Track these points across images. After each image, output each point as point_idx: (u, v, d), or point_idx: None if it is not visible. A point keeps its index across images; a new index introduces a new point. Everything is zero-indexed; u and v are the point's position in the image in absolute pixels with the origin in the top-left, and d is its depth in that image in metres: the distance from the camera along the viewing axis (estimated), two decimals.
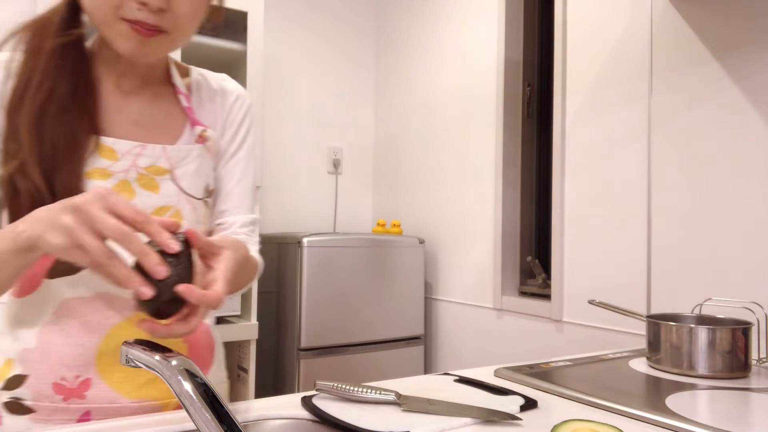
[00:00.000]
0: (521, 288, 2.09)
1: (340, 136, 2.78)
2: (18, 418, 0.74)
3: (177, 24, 0.73)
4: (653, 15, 1.57)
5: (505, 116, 2.08)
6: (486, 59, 2.17)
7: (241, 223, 0.89)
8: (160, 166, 0.80)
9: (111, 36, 0.73)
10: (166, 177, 0.80)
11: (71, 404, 0.74)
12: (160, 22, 0.72)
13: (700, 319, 1.15)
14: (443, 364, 2.33)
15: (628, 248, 1.61)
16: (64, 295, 0.75)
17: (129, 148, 0.78)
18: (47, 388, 0.74)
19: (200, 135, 0.85)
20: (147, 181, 0.78)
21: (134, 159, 0.78)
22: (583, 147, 1.75)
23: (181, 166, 0.81)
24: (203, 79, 0.91)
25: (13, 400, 0.74)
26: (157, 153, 0.80)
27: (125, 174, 0.77)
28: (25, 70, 0.74)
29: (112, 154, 0.76)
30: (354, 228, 2.81)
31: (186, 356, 0.81)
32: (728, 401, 0.85)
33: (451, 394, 0.84)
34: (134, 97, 0.82)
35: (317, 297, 2.10)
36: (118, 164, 0.76)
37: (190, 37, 0.79)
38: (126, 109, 0.81)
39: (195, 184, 0.83)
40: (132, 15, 0.70)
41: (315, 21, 2.72)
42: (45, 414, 0.74)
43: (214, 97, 0.90)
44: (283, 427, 0.74)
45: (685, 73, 1.49)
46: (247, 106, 0.94)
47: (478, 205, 2.18)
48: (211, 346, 0.89)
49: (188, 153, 0.82)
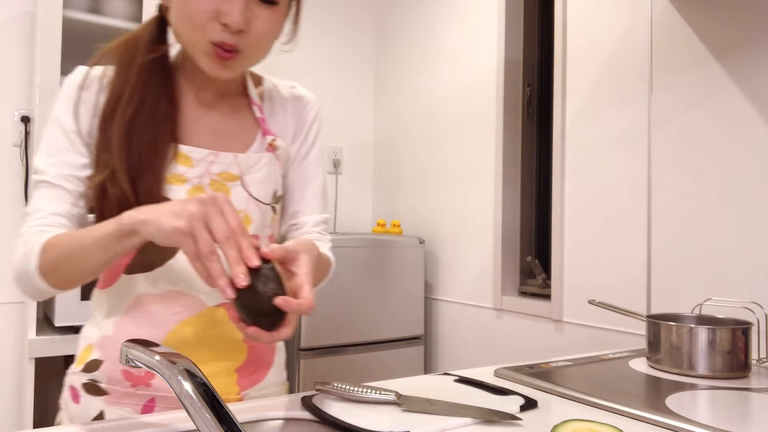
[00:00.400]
0: (521, 288, 2.09)
1: (340, 136, 2.78)
2: (94, 398, 0.81)
3: (254, 44, 0.79)
4: (653, 15, 1.57)
5: (505, 116, 2.08)
6: (486, 59, 2.17)
7: (314, 223, 0.95)
8: (231, 173, 0.85)
9: (195, 54, 0.79)
10: (236, 183, 0.85)
11: (138, 390, 0.80)
12: (238, 42, 0.77)
13: (700, 319, 1.15)
14: (443, 364, 2.33)
15: (628, 248, 1.61)
16: (139, 290, 0.82)
17: (203, 155, 0.83)
18: (118, 373, 0.81)
19: (270, 144, 0.90)
20: (219, 186, 0.84)
21: (208, 166, 0.83)
22: (583, 147, 1.75)
23: (251, 172, 0.86)
24: (275, 88, 0.96)
25: (91, 381, 0.82)
26: (229, 160, 0.85)
27: (199, 180, 0.82)
28: (117, 85, 0.81)
29: (188, 161, 0.82)
30: (354, 228, 2.81)
31: (246, 357, 0.86)
32: (728, 401, 0.85)
33: (451, 394, 0.84)
34: (212, 108, 0.88)
35: (317, 297, 2.09)
36: (193, 171, 0.82)
37: (266, 55, 0.85)
38: (204, 120, 0.87)
39: (263, 190, 0.87)
40: (216, 36, 0.76)
41: (315, 21, 2.72)
42: (116, 397, 0.81)
43: (285, 105, 0.96)
44: (283, 427, 0.74)
45: (685, 73, 1.49)
46: (316, 112, 0.99)
47: (478, 205, 2.18)
48: (273, 347, 0.93)
49: (257, 161, 0.87)
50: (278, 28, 0.83)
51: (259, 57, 0.83)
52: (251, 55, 0.81)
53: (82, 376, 0.83)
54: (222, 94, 0.89)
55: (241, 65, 0.81)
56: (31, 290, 0.77)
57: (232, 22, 0.75)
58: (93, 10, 1.94)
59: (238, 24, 0.75)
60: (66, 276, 0.74)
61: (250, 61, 0.82)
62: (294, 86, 0.99)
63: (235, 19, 0.75)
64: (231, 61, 0.79)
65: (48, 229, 0.76)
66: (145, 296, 0.82)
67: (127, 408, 0.80)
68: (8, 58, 2.05)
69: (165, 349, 0.52)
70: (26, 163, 2.03)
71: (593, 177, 1.72)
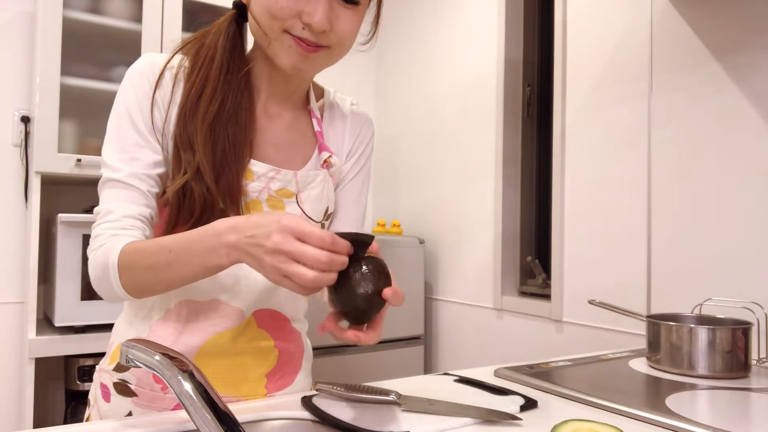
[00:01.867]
0: (521, 288, 2.09)
1: None
2: (123, 399, 0.81)
3: (339, 41, 0.78)
4: (653, 15, 1.57)
5: (505, 116, 2.08)
6: (486, 59, 2.17)
7: None
8: (288, 190, 0.85)
9: (274, 49, 0.78)
10: (292, 200, 0.85)
11: (168, 394, 0.80)
12: (321, 39, 0.76)
13: (700, 319, 1.15)
14: (443, 364, 2.33)
15: (628, 248, 1.61)
16: (183, 296, 0.81)
17: (265, 171, 0.82)
18: (149, 376, 0.80)
19: (326, 161, 0.89)
20: (275, 202, 0.83)
21: (268, 182, 0.83)
22: (583, 147, 1.75)
23: (306, 190, 0.86)
24: (335, 102, 0.95)
25: (121, 381, 0.82)
26: (289, 178, 0.84)
27: (258, 194, 0.82)
28: (198, 80, 0.79)
29: (250, 174, 0.81)
30: None
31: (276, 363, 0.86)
32: (728, 401, 0.85)
33: (451, 394, 0.84)
34: (276, 120, 0.87)
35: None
36: (253, 185, 0.81)
37: (346, 52, 0.83)
38: (269, 132, 0.86)
39: (316, 208, 0.87)
40: (297, 33, 0.75)
41: None
42: (145, 400, 0.80)
43: (344, 122, 0.94)
44: (283, 427, 0.74)
45: (685, 73, 1.49)
46: (372, 133, 0.98)
47: (478, 205, 2.18)
48: (301, 353, 0.93)
49: (314, 178, 0.87)
50: (359, 27, 0.82)
51: (340, 56, 0.82)
52: (335, 52, 0.80)
53: (114, 375, 0.83)
54: (287, 104, 0.88)
55: (324, 61, 0.80)
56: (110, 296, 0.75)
57: (315, 22, 0.74)
58: (93, 10, 1.94)
59: (321, 25, 0.74)
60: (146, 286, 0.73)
61: (332, 58, 0.81)
62: (355, 103, 0.98)
63: (318, 20, 0.74)
64: (314, 54, 0.77)
65: (122, 232, 0.74)
66: (189, 302, 0.81)
67: (155, 411, 0.80)
68: (8, 58, 2.05)
69: (165, 350, 0.52)
70: (26, 163, 2.03)
71: (593, 177, 1.72)
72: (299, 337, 0.94)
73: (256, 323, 0.85)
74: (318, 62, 0.80)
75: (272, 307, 0.87)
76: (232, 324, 0.82)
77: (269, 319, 0.87)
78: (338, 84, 2.97)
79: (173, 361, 0.50)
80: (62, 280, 1.75)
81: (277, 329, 0.88)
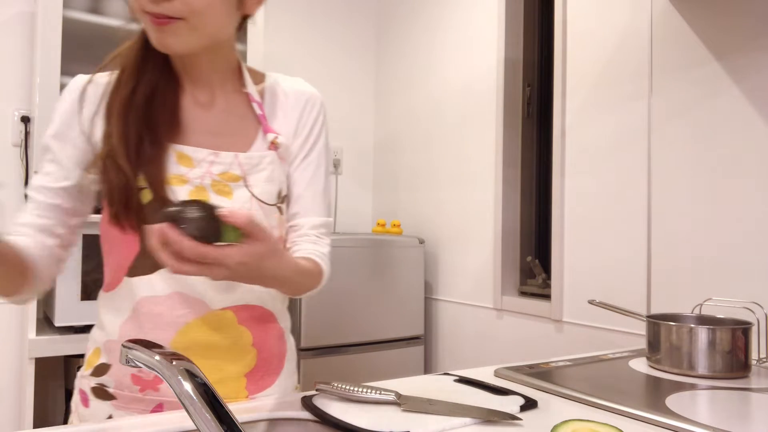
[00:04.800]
0: (521, 288, 2.09)
1: (340, 136, 2.78)
2: (102, 402, 0.81)
3: (191, 11, 0.75)
4: (653, 15, 1.57)
5: (505, 116, 2.08)
6: (486, 59, 2.17)
7: (311, 226, 0.90)
8: (233, 173, 0.83)
9: (145, 30, 0.79)
10: (239, 183, 0.83)
11: (146, 395, 0.80)
12: (166, 10, 0.74)
13: (700, 319, 1.15)
14: (443, 364, 2.33)
15: (628, 248, 1.61)
16: (142, 293, 0.81)
17: (204, 155, 0.82)
18: (126, 378, 0.80)
19: (272, 142, 0.87)
20: (221, 187, 0.82)
21: (208, 166, 0.82)
22: (583, 147, 1.75)
23: (254, 173, 0.85)
24: (277, 84, 0.93)
25: (99, 386, 0.82)
26: (230, 160, 0.83)
27: (200, 180, 0.82)
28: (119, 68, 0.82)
29: (190, 162, 0.82)
30: (354, 228, 2.81)
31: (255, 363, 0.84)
32: (728, 401, 0.85)
33: (451, 394, 0.84)
34: (210, 106, 0.87)
35: (317, 297, 2.10)
36: (194, 171, 0.81)
37: (218, 25, 0.79)
38: (202, 120, 0.86)
39: (267, 191, 0.85)
40: (149, 9, 0.74)
41: (315, 21, 2.72)
42: (124, 402, 0.80)
43: (287, 101, 0.92)
44: (283, 427, 0.74)
45: (685, 73, 1.49)
46: (319, 108, 0.95)
47: (478, 205, 2.18)
48: (284, 353, 0.91)
49: (260, 160, 0.85)
50: None
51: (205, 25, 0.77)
52: (194, 23, 0.76)
53: (91, 380, 0.83)
54: (217, 90, 0.88)
55: (186, 35, 0.77)
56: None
57: None
58: (93, 10, 1.94)
59: None
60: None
61: (196, 30, 0.77)
62: (298, 82, 0.96)
63: None
64: (169, 26, 0.75)
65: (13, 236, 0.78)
66: (148, 299, 0.81)
67: (135, 413, 0.80)
68: (8, 58, 2.05)
69: (165, 349, 0.52)
70: (26, 163, 2.03)
71: (593, 177, 1.72)
72: (282, 335, 0.92)
73: (236, 319, 0.84)
74: (179, 36, 0.76)
75: (252, 302, 0.85)
76: (198, 314, 0.81)
77: (250, 315, 0.85)
78: (338, 84, 2.98)
79: (173, 360, 0.50)
80: (62, 280, 1.75)
81: (260, 326, 0.87)
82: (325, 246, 0.91)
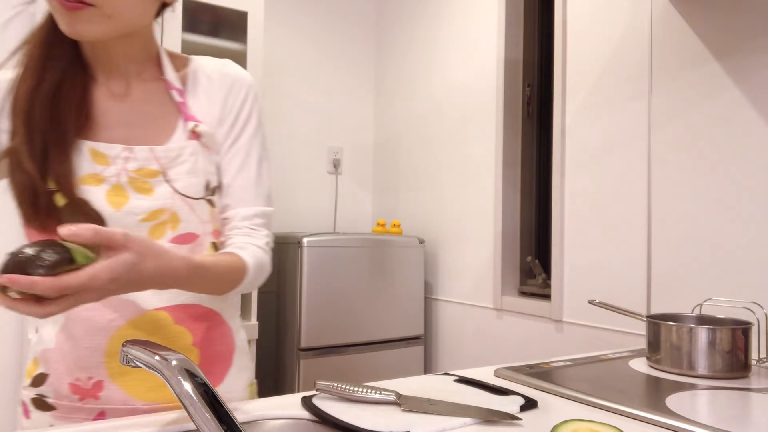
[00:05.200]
0: (521, 288, 2.09)
1: (340, 136, 2.78)
2: (43, 414, 0.79)
3: None
4: (653, 15, 1.57)
5: (505, 116, 2.08)
6: (486, 59, 2.17)
7: (242, 217, 0.84)
8: (150, 168, 0.78)
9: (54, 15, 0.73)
10: (159, 179, 0.78)
11: (86, 404, 0.77)
12: None
13: (700, 319, 1.14)
14: (443, 364, 2.33)
15: (628, 248, 1.61)
16: None
17: (118, 151, 0.77)
18: (65, 387, 0.77)
19: (192, 131, 0.81)
20: (139, 184, 0.77)
21: (124, 163, 0.77)
22: (583, 147, 1.75)
23: (174, 166, 0.79)
24: (200, 67, 0.86)
25: (39, 396, 0.79)
26: (145, 155, 0.78)
27: (117, 178, 0.76)
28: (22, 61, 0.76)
29: (105, 159, 0.76)
30: (354, 228, 2.81)
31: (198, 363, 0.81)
32: (728, 401, 0.85)
33: (451, 394, 0.84)
34: (125, 97, 0.81)
35: (317, 297, 2.10)
36: (110, 169, 0.76)
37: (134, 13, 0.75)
38: (116, 112, 0.80)
39: (192, 184, 0.80)
40: None
41: (315, 21, 2.72)
42: (64, 412, 0.77)
43: (211, 85, 0.85)
44: (283, 427, 0.74)
45: (685, 73, 1.49)
46: (246, 91, 0.87)
47: (478, 205, 2.18)
48: (232, 350, 0.87)
49: (180, 152, 0.80)
50: None
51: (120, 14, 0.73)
52: (107, 10, 0.71)
53: (31, 390, 0.80)
54: (133, 81, 0.82)
55: (98, 22, 0.72)
56: None
57: None
58: None
59: None
60: None
61: (110, 18, 0.72)
62: (225, 64, 0.88)
63: None
64: (80, 12, 0.70)
65: None
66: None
67: (77, 422, 0.76)
68: None
69: (165, 349, 0.52)
70: None
71: (593, 177, 1.72)
72: (229, 332, 0.87)
73: (172, 320, 0.79)
74: (91, 23, 0.71)
75: (189, 301, 0.81)
76: (131, 316, 0.77)
77: (188, 315, 0.81)
78: (338, 83, 2.98)
79: (173, 361, 0.50)
80: None
81: (201, 325, 0.82)
82: (262, 238, 0.84)
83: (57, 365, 0.78)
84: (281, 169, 2.63)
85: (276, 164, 2.62)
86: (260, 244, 0.83)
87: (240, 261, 0.78)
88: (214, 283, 0.75)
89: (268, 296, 2.29)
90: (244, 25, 2.07)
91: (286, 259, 2.21)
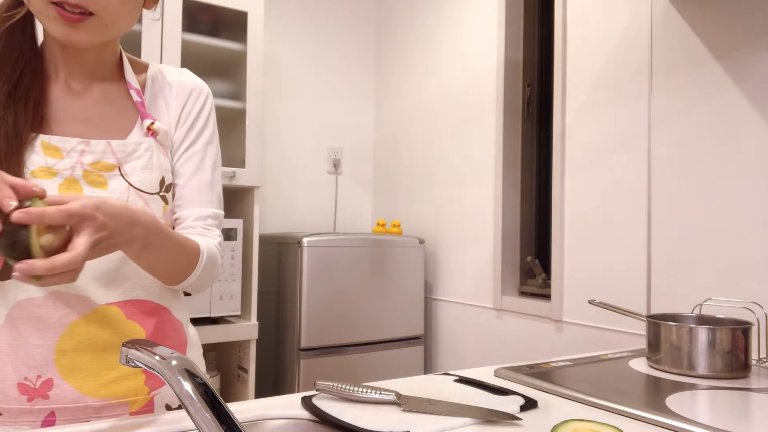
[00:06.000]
0: (521, 288, 2.09)
1: (340, 136, 2.78)
2: None
3: (104, 7, 0.74)
4: (653, 15, 1.57)
5: (505, 116, 2.08)
6: (486, 59, 2.17)
7: (196, 217, 0.87)
8: (106, 162, 0.80)
9: (44, 22, 0.74)
10: (114, 173, 0.80)
11: (35, 405, 0.74)
12: (83, 2, 0.72)
13: (700, 319, 1.15)
14: (443, 364, 2.33)
15: (628, 248, 1.61)
16: (17, 296, 0.75)
17: (73, 145, 0.78)
18: (13, 389, 0.74)
19: (149, 128, 0.84)
20: (94, 177, 0.79)
21: (79, 156, 0.78)
22: (583, 147, 1.75)
23: (130, 161, 0.81)
24: (160, 73, 0.90)
25: None
26: (102, 149, 0.80)
27: (71, 171, 0.77)
28: None
29: (58, 153, 0.77)
30: (354, 228, 2.81)
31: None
32: (728, 401, 0.85)
33: (451, 394, 0.84)
34: (84, 95, 0.83)
35: (317, 297, 2.10)
36: (63, 162, 0.77)
37: (126, 21, 0.78)
38: (75, 108, 0.81)
39: (146, 179, 0.82)
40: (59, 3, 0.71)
41: (315, 21, 2.72)
42: (11, 416, 0.74)
43: (170, 91, 0.89)
44: (283, 427, 0.74)
45: (685, 73, 1.49)
46: (204, 99, 0.91)
47: (478, 205, 2.18)
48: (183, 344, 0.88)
49: (136, 147, 0.82)
50: None
51: (116, 23, 0.76)
52: (105, 20, 0.74)
53: None
54: (94, 79, 0.84)
55: (95, 30, 0.75)
56: None
57: None
58: None
59: None
60: None
61: (107, 27, 0.76)
62: (183, 72, 0.92)
63: None
64: (81, 23, 0.73)
65: None
66: (26, 301, 0.75)
67: (25, 427, 0.74)
68: None
69: (165, 350, 0.52)
70: None
71: (593, 177, 1.72)
72: (180, 326, 0.88)
73: (124, 315, 0.80)
74: (90, 31, 0.75)
75: (140, 297, 0.82)
76: (83, 311, 0.77)
77: (139, 311, 0.82)
78: (338, 83, 2.98)
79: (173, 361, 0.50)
80: None
81: (152, 320, 0.83)
82: (215, 238, 0.88)
83: (2, 365, 0.75)
84: (281, 169, 2.63)
85: (276, 164, 2.62)
86: (214, 243, 0.86)
87: (196, 244, 0.82)
88: (173, 254, 0.78)
89: (268, 296, 2.29)
90: (244, 25, 2.07)
91: (286, 259, 2.21)
